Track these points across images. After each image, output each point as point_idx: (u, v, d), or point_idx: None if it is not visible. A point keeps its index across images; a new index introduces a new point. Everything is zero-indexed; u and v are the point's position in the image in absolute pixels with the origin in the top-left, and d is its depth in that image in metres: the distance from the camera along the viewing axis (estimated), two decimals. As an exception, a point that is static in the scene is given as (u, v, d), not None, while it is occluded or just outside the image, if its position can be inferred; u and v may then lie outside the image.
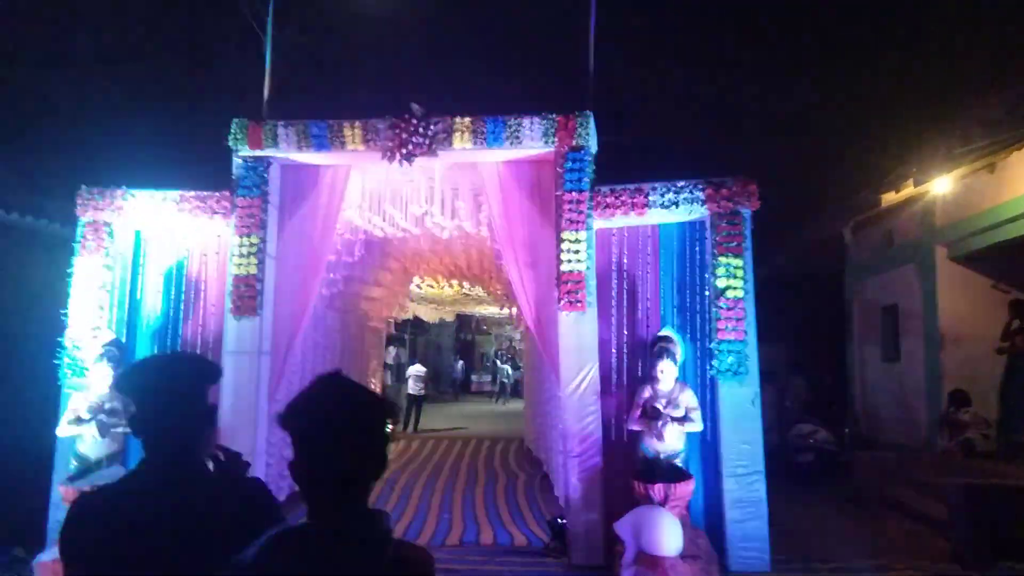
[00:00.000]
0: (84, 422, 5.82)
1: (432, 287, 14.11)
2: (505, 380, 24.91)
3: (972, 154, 7.50)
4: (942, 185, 8.64)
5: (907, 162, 8.30)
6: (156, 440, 1.71)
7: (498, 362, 26.57)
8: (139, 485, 1.69)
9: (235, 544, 1.39)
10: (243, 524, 1.53)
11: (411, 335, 25.87)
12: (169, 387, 1.73)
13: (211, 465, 1.84)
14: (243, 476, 1.87)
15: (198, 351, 6.81)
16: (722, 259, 6.27)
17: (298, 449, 1.43)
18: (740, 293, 6.21)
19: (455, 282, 13.21)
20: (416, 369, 16.86)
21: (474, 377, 29.60)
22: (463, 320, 26.44)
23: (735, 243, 6.27)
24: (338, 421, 1.42)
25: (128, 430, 6.06)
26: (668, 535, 5.45)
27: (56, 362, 6.41)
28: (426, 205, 7.58)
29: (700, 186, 6.38)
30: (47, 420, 6.28)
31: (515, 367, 28.67)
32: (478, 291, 14.02)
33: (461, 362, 27.25)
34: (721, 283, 6.24)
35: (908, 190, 9.06)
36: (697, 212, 6.43)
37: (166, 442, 1.71)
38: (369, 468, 1.46)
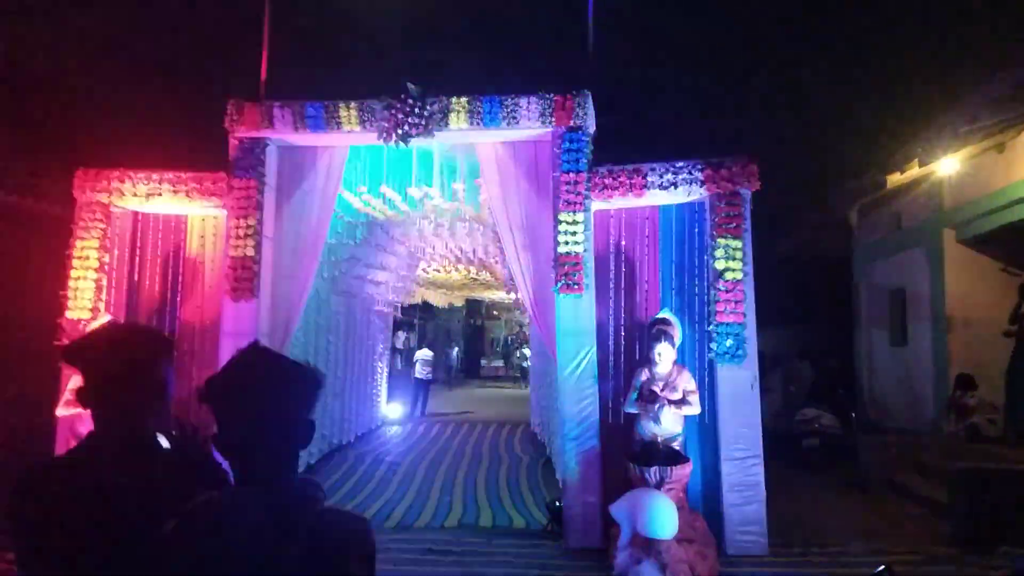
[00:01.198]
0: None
1: (440, 272, 14.11)
2: (525, 364, 24.84)
3: (979, 133, 7.35)
4: (949, 166, 8.49)
5: (912, 142, 8.15)
6: (104, 412, 1.69)
7: (514, 347, 26.69)
8: (86, 456, 1.67)
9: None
10: (187, 498, 1.51)
11: (420, 320, 25.95)
12: (118, 358, 1.71)
13: (165, 441, 1.81)
14: (198, 452, 1.85)
15: (195, 332, 6.84)
16: (721, 240, 6.19)
17: (220, 422, 1.41)
18: (739, 275, 6.14)
19: (462, 267, 13.19)
20: (424, 354, 16.92)
21: (483, 362, 29.68)
22: (472, 305, 26.47)
23: (734, 224, 6.18)
24: (258, 391, 1.40)
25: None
26: (663, 518, 5.41)
27: (55, 343, 6.43)
28: (424, 187, 7.54)
29: (699, 166, 6.29)
30: (48, 401, 6.32)
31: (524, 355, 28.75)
32: (485, 276, 14.00)
33: (456, 349, 26.97)
34: (720, 265, 6.17)
35: (914, 171, 8.92)
36: (696, 193, 6.35)
37: (114, 415, 1.69)
38: (293, 437, 1.44)
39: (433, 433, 13.28)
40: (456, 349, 26.53)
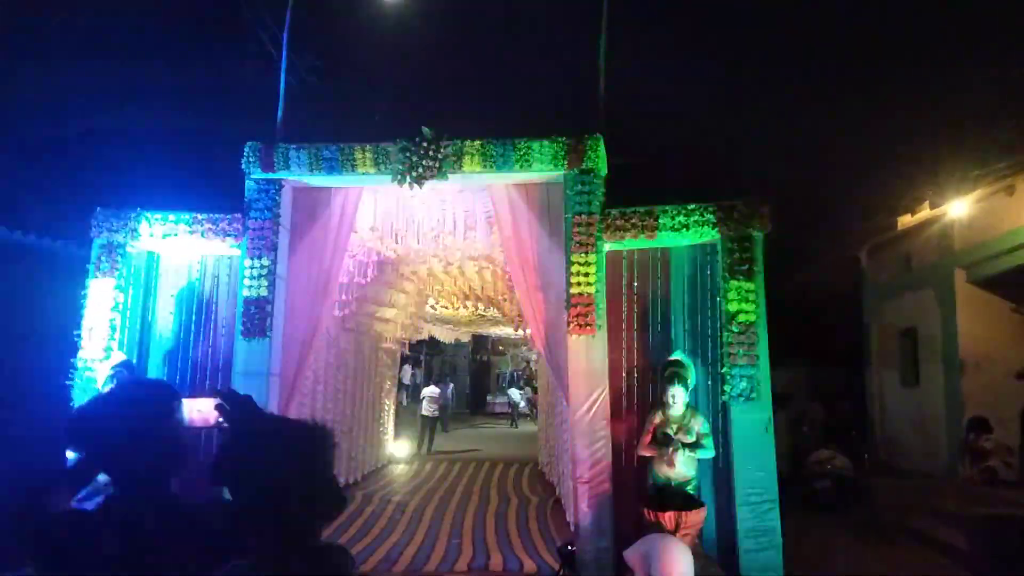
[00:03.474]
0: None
1: (447, 308, 14.11)
2: (515, 402, 24.37)
3: (989, 176, 7.41)
4: (959, 208, 8.54)
5: (923, 184, 8.23)
6: (123, 475, 1.68)
7: (507, 386, 26.18)
8: (108, 518, 1.65)
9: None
10: (208, 555, 1.51)
11: (427, 355, 25.92)
12: (130, 423, 1.69)
13: (220, 419, 1.73)
14: (260, 422, 1.73)
15: (208, 372, 6.84)
16: (733, 282, 6.19)
17: (236, 496, 1.40)
18: (752, 317, 6.13)
19: (470, 303, 13.20)
20: (431, 391, 16.90)
21: (489, 398, 29.52)
22: (478, 340, 26.40)
23: (747, 266, 6.19)
24: (268, 466, 1.39)
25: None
26: (679, 564, 5.32)
27: (69, 383, 6.44)
28: (438, 227, 7.60)
29: (711, 209, 6.33)
30: (61, 441, 6.29)
31: (533, 389, 28.64)
32: (493, 312, 13.99)
33: (452, 385, 23.54)
34: (733, 307, 6.16)
35: (924, 212, 8.97)
36: (708, 235, 6.38)
37: (130, 481, 1.68)
38: (316, 507, 1.42)
39: (440, 472, 13.17)
40: (452, 386, 23.17)
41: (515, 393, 24.94)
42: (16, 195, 8.31)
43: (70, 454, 5.54)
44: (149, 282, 6.99)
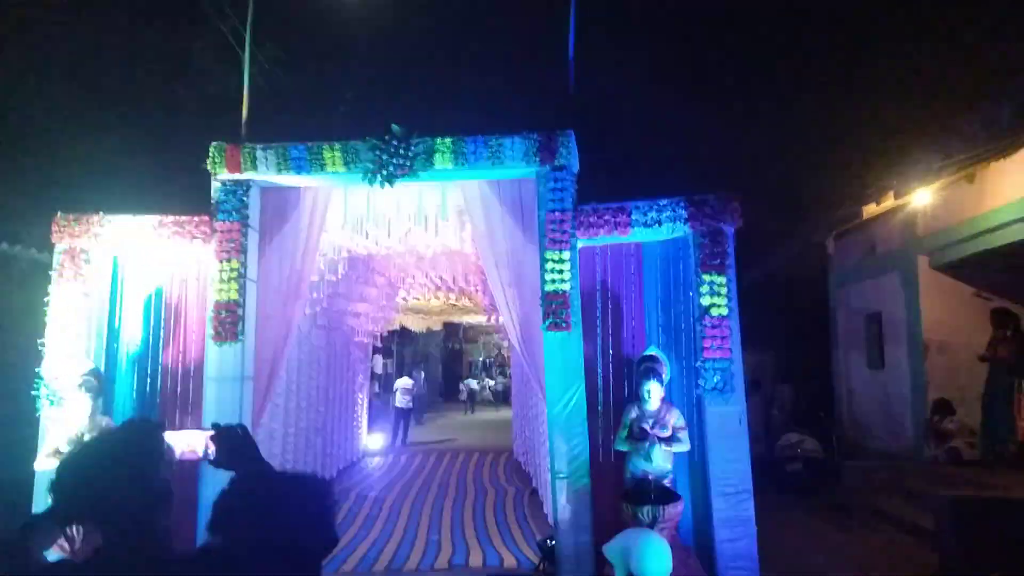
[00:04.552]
0: (63, 455, 5.71)
1: (419, 299, 14.05)
2: (473, 390, 26.21)
3: (951, 166, 7.57)
4: (923, 197, 8.71)
5: (888, 176, 8.37)
6: (113, 527, 1.64)
7: (481, 374, 27.01)
8: (100, 571, 1.62)
9: None
10: None
11: (398, 345, 25.80)
12: (119, 471, 1.65)
13: (205, 446, 1.74)
14: (243, 446, 1.74)
15: (179, 377, 6.72)
16: (706, 277, 6.23)
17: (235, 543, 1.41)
18: (724, 311, 6.19)
19: (441, 294, 13.16)
20: (404, 382, 16.88)
21: (461, 385, 29.62)
22: (450, 329, 26.39)
23: (718, 261, 6.24)
24: (272, 517, 1.41)
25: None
26: (657, 558, 5.38)
27: (34, 393, 6.28)
28: (409, 224, 7.53)
29: (683, 204, 6.36)
30: (27, 453, 6.15)
31: (503, 375, 28.98)
32: (464, 302, 13.97)
33: (422, 374, 22.41)
34: (705, 301, 6.21)
35: (889, 202, 9.13)
36: (680, 230, 6.41)
37: (122, 524, 1.64)
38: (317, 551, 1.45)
39: (416, 464, 13.18)
40: (423, 375, 21.74)
41: (472, 382, 26.60)
42: (-29, 199, 8.04)
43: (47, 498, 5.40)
44: (115, 287, 6.80)
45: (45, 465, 5.81)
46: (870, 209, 9.70)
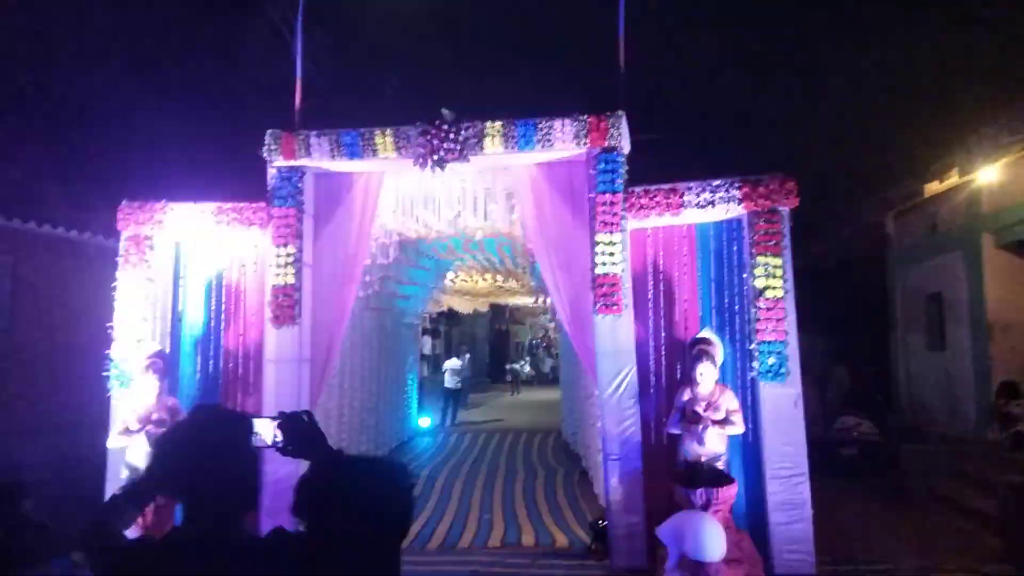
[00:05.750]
0: (133, 433, 5.96)
1: (466, 281, 14.17)
2: (517, 372, 26.35)
3: (1020, 143, 7.25)
4: (989, 173, 8.38)
5: (953, 153, 8.07)
6: (198, 505, 1.71)
7: (528, 355, 27.18)
8: (177, 549, 1.69)
9: None
10: None
11: (446, 326, 26.07)
12: (208, 454, 1.71)
13: (272, 434, 1.79)
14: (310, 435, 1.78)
15: (240, 360, 6.93)
16: (760, 259, 6.14)
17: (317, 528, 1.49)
18: (780, 293, 6.09)
19: (488, 276, 13.25)
20: (452, 363, 17.05)
21: (508, 367, 29.76)
22: (497, 310, 26.54)
23: (773, 242, 6.14)
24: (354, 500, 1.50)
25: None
26: (711, 541, 5.38)
27: (104, 374, 6.56)
28: (458, 207, 7.59)
29: (737, 184, 6.25)
30: (101, 430, 6.44)
31: (550, 356, 29.10)
32: (512, 283, 14.04)
33: (467, 356, 20.21)
34: (760, 283, 6.13)
35: (953, 179, 8.81)
36: (734, 211, 6.31)
37: (204, 513, 1.70)
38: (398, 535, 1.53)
39: (465, 444, 13.35)
40: (468, 356, 20.00)
41: (517, 364, 26.93)
42: (41, 189, 8.37)
43: (124, 472, 5.61)
44: (177, 272, 7.04)
45: (116, 443, 6.08)
46: (932, 187, 9.38)
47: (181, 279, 7.04)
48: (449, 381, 16.72)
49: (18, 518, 1.97)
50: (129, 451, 6.01)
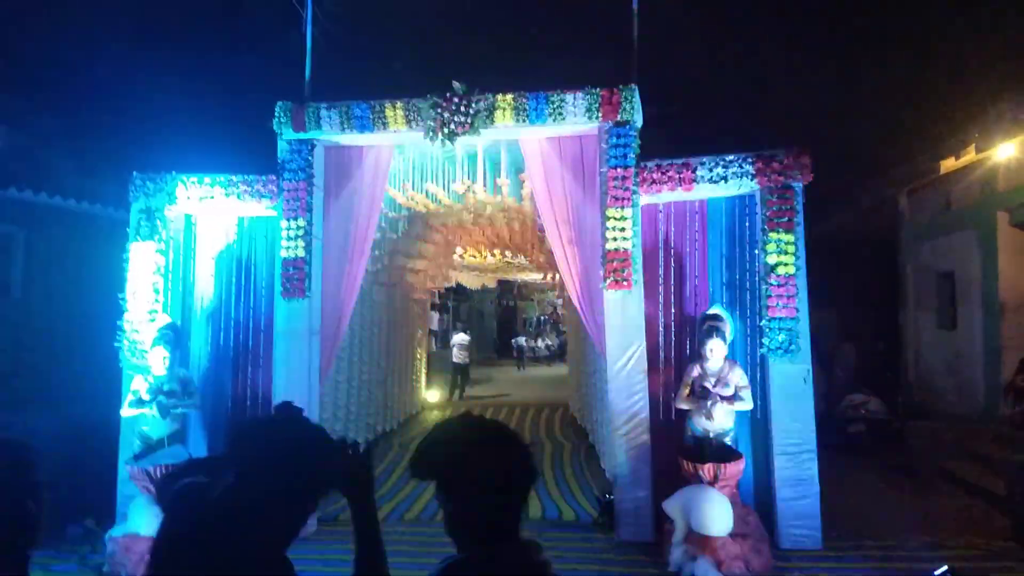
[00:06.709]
0: (145, 403, 6.03)
1: (475, 257, 14.16)
2: (521, 347, 26.35)
3: (1039, 119, 7.14)
4: (1006, 151, 8.26)
5: (969, 128, 7.95)
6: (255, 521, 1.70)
7: (534, 331, 27.29)
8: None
9: None
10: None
11: (454, 302, 26.14)
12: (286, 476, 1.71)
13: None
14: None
15: (251, 332, 6.96)
16: (773, 235, 6.11)
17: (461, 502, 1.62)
18: (792, 269, 6.07)
19: (497, 251, 13.23)
20: (460, 338, 17.09)
21: (514, 343, 29.86)
22: (504, 286, 26.58)
23: (786, 218, 6.10)
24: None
25: (186, 410, 6.27)
26: (718, 515, 5.45)
27: (117, 345, 6.61)
28: (468, 181, 7.55)
29: (750, 159, 6.20)
30: (113, 400, 6.51)
31: (558, 333, 29.15)
32: (520, 259, 14.01)
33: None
34: (772, 259, 6.10)
35: (969, 156, 8.69)
36: (747, 186, 6.27)
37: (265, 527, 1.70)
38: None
39: (473, 418, 13.39)
40: (467, 331, 18.50)
41: (521, 340, 26.87)
42: (52, 160, 8.39)
43: (137, 443, 5.66)
44: (188, 245, 7.06)
45: (129, 413, 6.16)
46: (947, 164, 9.26)
47: (192, 251, 7.06)
48: (457, 356, 16.77)
49: (33, 487, 1.98)
50: (142, 421, 6.09)
